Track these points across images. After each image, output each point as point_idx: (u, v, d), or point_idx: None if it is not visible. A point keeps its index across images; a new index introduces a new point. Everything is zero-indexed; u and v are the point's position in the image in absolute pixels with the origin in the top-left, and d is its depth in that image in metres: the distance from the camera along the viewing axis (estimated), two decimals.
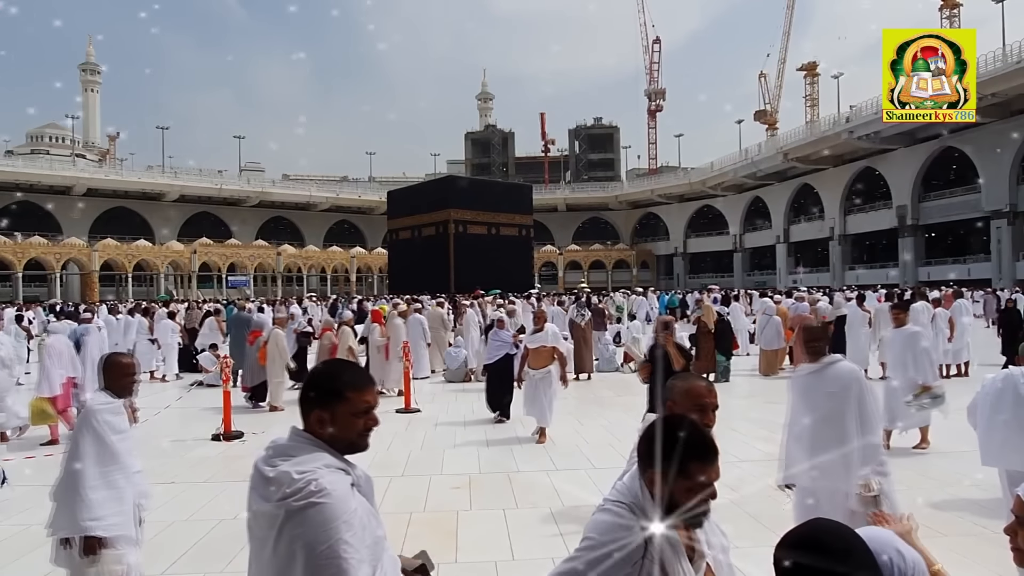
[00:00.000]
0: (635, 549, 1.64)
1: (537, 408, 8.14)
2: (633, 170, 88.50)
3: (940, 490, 5.79)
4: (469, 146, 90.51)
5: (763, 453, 7.01)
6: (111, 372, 3.34)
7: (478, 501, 5.80)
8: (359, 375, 1.78)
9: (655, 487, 1.68)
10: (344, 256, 63.76)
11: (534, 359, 8.27)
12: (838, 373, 3.69)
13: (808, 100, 72.79)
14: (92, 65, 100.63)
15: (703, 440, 1.68)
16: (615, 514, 1.70)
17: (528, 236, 43.97)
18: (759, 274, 62.36)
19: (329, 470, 1.61)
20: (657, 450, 1.68)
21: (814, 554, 1.38)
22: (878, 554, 1.43)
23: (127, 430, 3.38)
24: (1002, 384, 3.68)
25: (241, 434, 8.43)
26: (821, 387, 3.69)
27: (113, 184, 57.79)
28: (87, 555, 3.08)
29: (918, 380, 6.97)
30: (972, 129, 38.76)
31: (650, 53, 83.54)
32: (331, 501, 1.53)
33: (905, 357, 7.12)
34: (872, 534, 1.47)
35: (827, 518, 1.55)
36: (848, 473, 3.48)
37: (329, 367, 1.81)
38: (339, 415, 1.68)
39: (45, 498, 3.26)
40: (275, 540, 1.55)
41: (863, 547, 1.40)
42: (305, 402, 1.71)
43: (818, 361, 3.78)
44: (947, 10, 53.46)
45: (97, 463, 3.16)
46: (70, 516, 3.08)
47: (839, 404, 3.56)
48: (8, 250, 47.90)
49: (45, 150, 78.66)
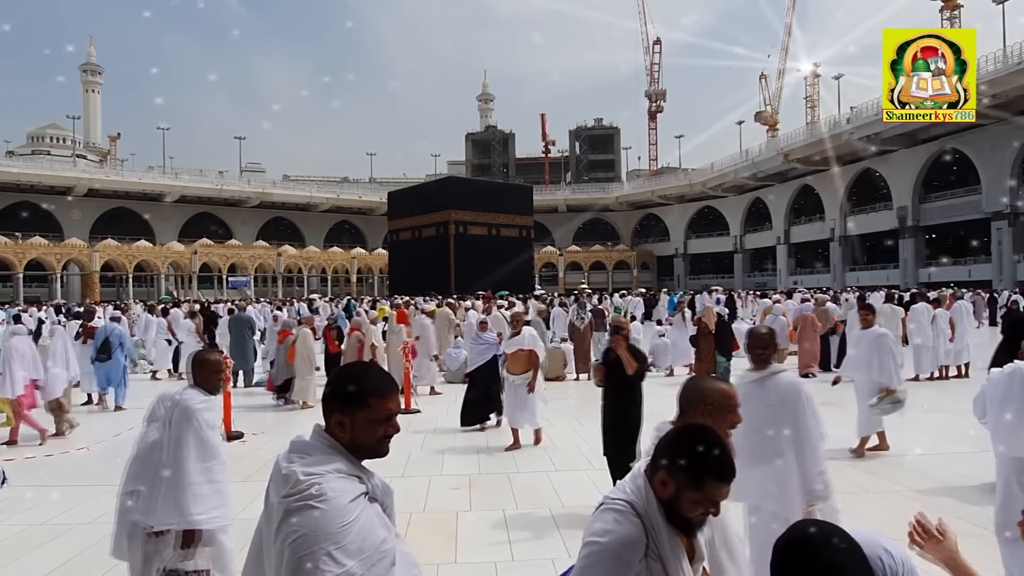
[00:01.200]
0: (639, 549, 1.65)
1: (522, 414, 7.75)
2: (633, 171, 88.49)
3: (940, 491, 5.78)
4: (470, 147, 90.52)
5: None
6: (202, 369, 3.48)
7: (478, 502, 5.80)
8: (383, 381, 1.73)
9: (664, 491, 1.69)
10: (344, 257, 63.76)
11: (512, 364, 7.90)
12: (778, 384, 3.50)
13: (808, 101, 72.79)
14: (93, 66, 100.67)
15: (725, 459, 1.66)
16: (619, 513, 1.70)
17: (528, 237, 43.98)
18: (760, 275, 62.35)
19: (339, 476, 1.58)
20: (679, 457, 1.67)
21: (812, 559, 1.38)
22: (868, 555, 1.41)
23: (218, 425, 3.60)
24: (1009, 376, 3.65)
25: (241, 434, 8.43)
26: (760, 398, 3.48)
27: (114, 185, 57.81)
28: (185, 547, 3.25)
29: (883, 382, 6.88)
30: (972, 130, 38.76)
31: (650, 54, 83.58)
32: (327, 508, 1.50)
33: (871, 359, 6.99)
34: (859, 534, 1.45)
35: (821, 520, 1.54)
36: (784, 496, 3.29)
37: (353, 371, 1.76)
38: (359, 421, 1.65)
39: (45, 498, 3.27)
40: (274, 536, 1.55)
41: (861, 553, 1.39)
42: (328, 404, 1.69)
43: (762, 370, 3.60)
44: (948, 11, 53.45)
45: (199, 459, 3.32)
46: (177, 510, 3.22)
47: (775, 418, 3.34)
48: (9, 251, 47.91)
49: (46, 151, 78.63)
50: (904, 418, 7.22)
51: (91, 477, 6.64)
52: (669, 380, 12.80)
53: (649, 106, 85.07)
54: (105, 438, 8.42)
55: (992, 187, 39.90)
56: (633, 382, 5.34)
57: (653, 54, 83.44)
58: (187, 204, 62.75)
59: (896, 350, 7.15)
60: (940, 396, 10.47)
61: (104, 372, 10.81)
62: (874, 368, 6.95)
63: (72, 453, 7.73)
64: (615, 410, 5.43)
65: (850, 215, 52.90)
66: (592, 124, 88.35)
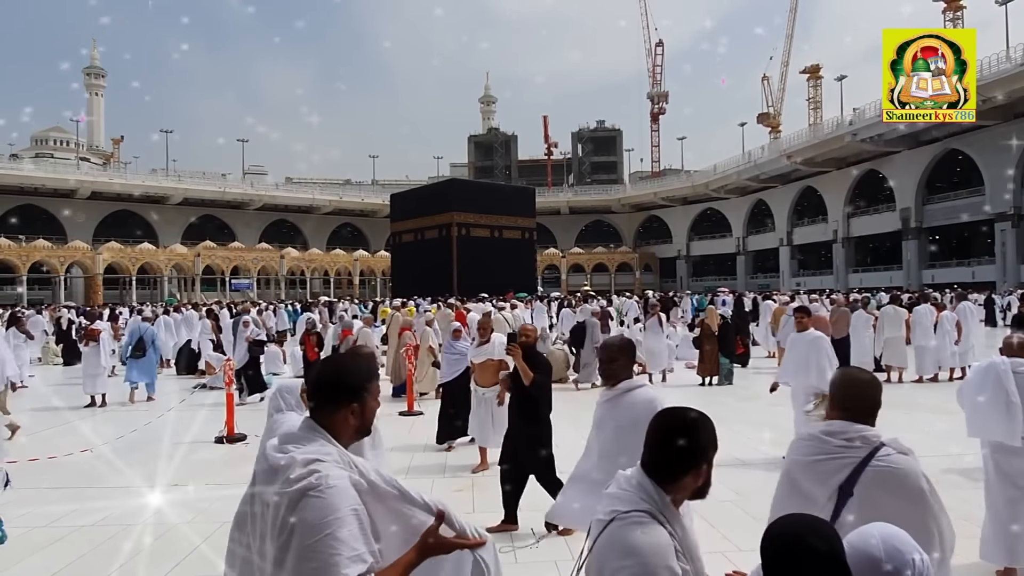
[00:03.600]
0: (674, 558, 1.58)
1: (490, 432, 6.75)
2: (636, 173, 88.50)
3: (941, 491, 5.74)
4: (472, 149, 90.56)
5: (766, 456, 6.99)
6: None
7: (481, 504, 5.79)
8: (370, 364, 1.86)
9: (699, 480, 1.70)
10: (347, 259, 63.81)
11: (481, 375, 6.97)
12: (632, 403, 3.09)
13: (811, 103, 72.79)
14: (96, 69, 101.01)
15: (710, 423, 1.75)
16: (643, 525, 1.60)
17: (531, 239, 43.94)
18: (763, 277, 62.25)
19: (337, 464, 1.62)
20: (706, 443, 1.71)
21: (798, 554, 1.42)
22: (906, 553, 1.46)
23: None
24: (985, 371, 4.16)
25: (244, 436, 8.42)
26: (612, 419, 3.13)
27: (117, 187, 57.95)
28: None
29: (819, 387, 6.40)
30: (976, 131, 38.70)
31: (653, 56, 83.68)
32: (330, 494, 1.53)
33: (808, 362, 6.60)
34: (895, 536, 1.49)
35: (809, 514, 1.56)
36: None
37: (344, 362, 1.90)
38: (368, 405, 1.78)
39: (47, 500, 3.26)
40: (272, 526, 1.56)
41: (841, 551, 1.43)
42: (335, 396, 1.75)
43: (613, 386, 3.21)
44: (951, 12, 53.41)
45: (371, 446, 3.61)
46: None
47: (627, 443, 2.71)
48: (12, 253, 48.02)
49: (49, 153, 78.86)
50: (908, 419, 7.19)
51: (93, 479, 6.65)
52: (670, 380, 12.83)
53: (651, 108, 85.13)
54: (110, 439, 8.41)
55: (996, 188, 39.83)
56: (532, 394, 5.09)
57: (655, 56, 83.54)
58: (190, 207, 62.88)
59: (832, 354, 6.73)
60: (942, 397, 10.42)
61: (138, 367, 11.72)
62: (811, 372, 6.52)
63: (75, 455, 7.73)
64: (515, 424, 5.31)
65: (853, 216, 52.83)
66: (594, 126, 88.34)
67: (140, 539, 4.96)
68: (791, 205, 58.70)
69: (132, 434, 8.58)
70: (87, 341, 11.45)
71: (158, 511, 5.60)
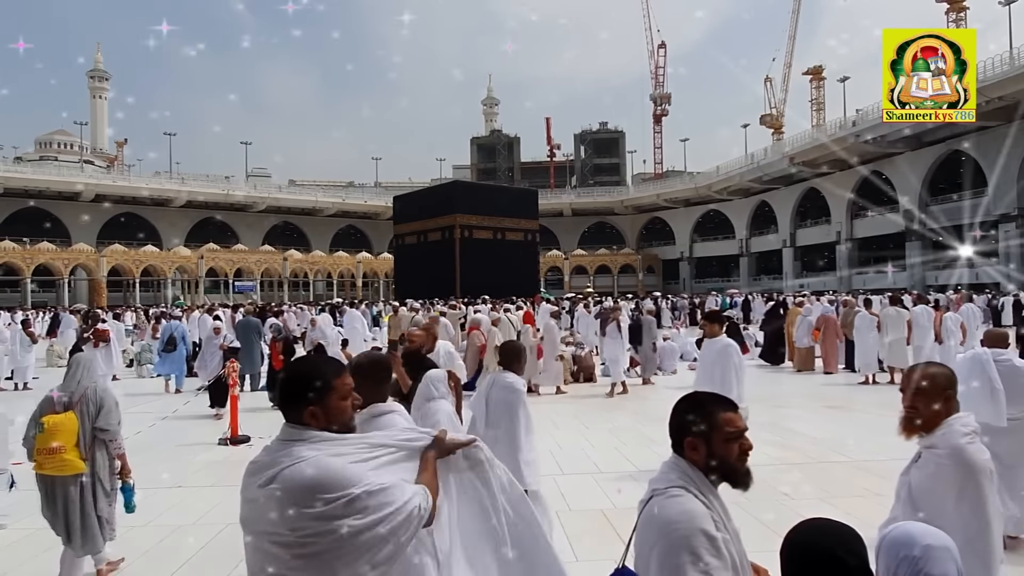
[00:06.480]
0: (711, 519, 1.64)
1: None
2: (639, 175, 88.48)
3: None
4: (475, 151, 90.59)
5: (771, 457, 6.99)
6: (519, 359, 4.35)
7: None
8: (334, 363, 1.92)
9: (699, 454, 1.72)
10: (350, 261, 63.92)
11: None
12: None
13: (814, 104, 72.74)
14: (100, 72, 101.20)
15: (717, 394, 1.82)
16: (676, 497, 1.66)
17: (534, 241, 43.93)
18: (766, 278, 62.13)
19: (332, 456, 1.72)
20: (687, 415, 1.76)
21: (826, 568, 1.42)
22: (945, 560, 1.49)
23: None
24: (971, 361, 4.50)
25: (248, 438, 8.45)
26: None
27: (121, 190, 58.11)
28: None
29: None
30: (979, 132, 38.62)
31: (655, 58, 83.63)
32: (317, 468, 1.64)
33: (714, 371, 6.31)
34: (939, 539, 1.53)
35: (835, 522, 1.56)
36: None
37: (306, 365, 1.96)
38: (331, 404, 1.80)
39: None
40: (270, 517, 1.61)
41: (864, 554, 1.44)
42: (296, 401, 1.78)
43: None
44: (953, 13, 53.35)
45: (527, 432, 4.12)
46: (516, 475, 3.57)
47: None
48: (17, 256, 48.21)
49: (53, 156, 79.04)
50: None
51: None
52: (671, 381, 12.81)
53: (654, 110, 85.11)
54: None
55: (999, 189, 39.72)
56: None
57: (658, 58, 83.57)
58: (194, 209, 63.08)
59: (741, 363, 6.44)
60: None
61: (169, 361, 12.86)
62: (716, 380, 6.22)
63: None
64: None
65: (856, 218, 52.75)
66: (597, 128, 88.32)
67: (141, 542, 4.97)
68: (794, 206, 58.64)
69: (136, 435, 8.60)
70: (97, 342, 11.44)
71: (161, 513, 5.61)
